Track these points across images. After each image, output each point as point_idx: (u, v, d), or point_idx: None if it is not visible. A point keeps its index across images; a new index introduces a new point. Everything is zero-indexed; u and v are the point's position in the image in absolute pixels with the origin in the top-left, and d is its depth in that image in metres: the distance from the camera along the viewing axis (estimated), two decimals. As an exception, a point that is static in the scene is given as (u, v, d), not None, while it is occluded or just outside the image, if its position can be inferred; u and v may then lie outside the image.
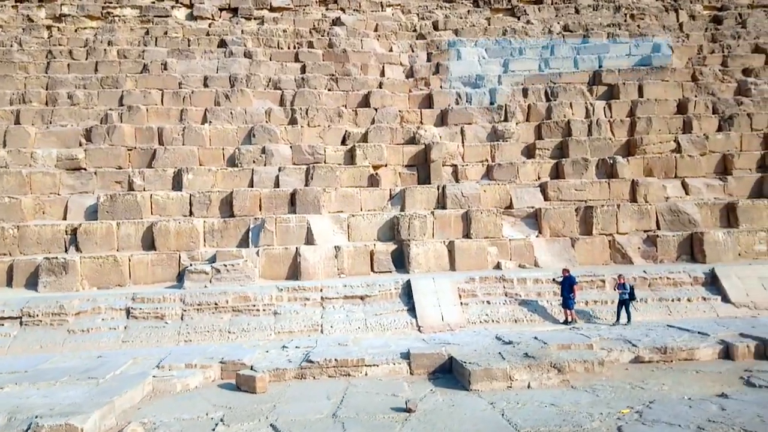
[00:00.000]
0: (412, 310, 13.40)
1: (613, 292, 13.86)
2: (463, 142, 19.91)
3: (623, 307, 12.92)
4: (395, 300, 13.73)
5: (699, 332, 11.41)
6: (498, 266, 15.89)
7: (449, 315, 13.17)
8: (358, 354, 10.45)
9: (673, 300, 13.88)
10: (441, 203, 17.55)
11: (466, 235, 16.59)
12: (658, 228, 17.11)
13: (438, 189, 17.76)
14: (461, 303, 13.57)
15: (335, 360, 10.00)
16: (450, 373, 9.92)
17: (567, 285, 13.06)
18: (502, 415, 7.78)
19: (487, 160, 19.35)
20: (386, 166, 18.97)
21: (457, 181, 18.68)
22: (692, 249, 16.37)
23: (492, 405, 8.17)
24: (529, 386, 9.09)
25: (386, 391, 8.98)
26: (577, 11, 24.89)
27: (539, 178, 18.72)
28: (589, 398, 8.42)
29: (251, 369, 9.98)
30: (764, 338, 10.46)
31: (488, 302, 13.71)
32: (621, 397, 8.42)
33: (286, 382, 9.79)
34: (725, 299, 13.90)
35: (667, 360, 10.43)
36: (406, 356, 10.32)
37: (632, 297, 12.85)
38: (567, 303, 13.12)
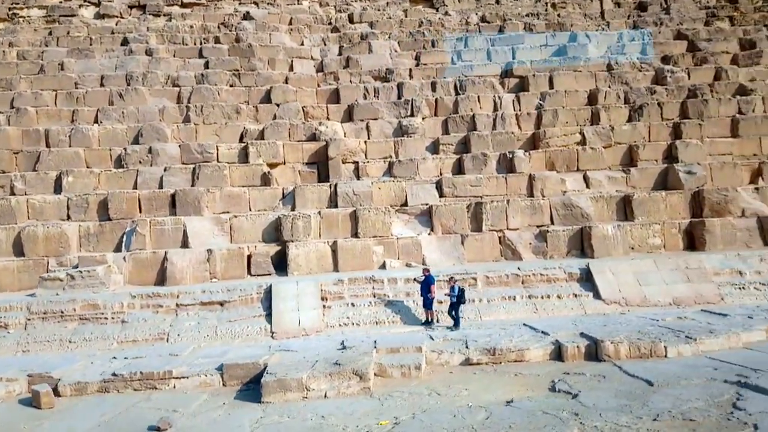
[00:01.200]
0: (269, 316, 13.02)
1: (484, 290, 13.55)
2: (368, 138, 19.56)
3: (454, 310, 12.46)
4: (255, 305, 13.35)
5: (543, 332, 11.08)
6: (383, 266, 15.58)
7: (307, 319, 12.80)
8: (181, 365, 10.09)
9: (542, 297, 13.55)
10: (333, 202, 17.17)
11: (355, 234, 16.23)
12: (552, 223, 16.79)
13: (330, 187, 17.37)
14: (324, 306, 13.21)
15: (140, 373, 9.64)
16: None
17: (425, 285, 12.69)
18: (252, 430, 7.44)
19: (390, 157, 18.98)
20: (284, 164, 18.59)
21: (358, 178, 18.32)
22: (582, 244, 16.06)
23: (261, 419, 7.81)
24: (325, 396, 8.74)
25: (172, 406, 8.60)
26: (497, 2, 24.50)
27: (441, 174, 18.33)
28: (371, 407, 8.08)
29: (58, 382, 9.61)
30: (596, 338, 10.13)
31: (353, 304, 13.36)
32: (405, 405, 8.08)
33: (87, 396, 9.42)
34: (597, 296, 13.58)
35: (496, 362, 10.11)
36: (221, 367, 9.95)
37: (461, 301, 12.39)
38: (426, 303, 12.75)
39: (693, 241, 16.30)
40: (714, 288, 13.64)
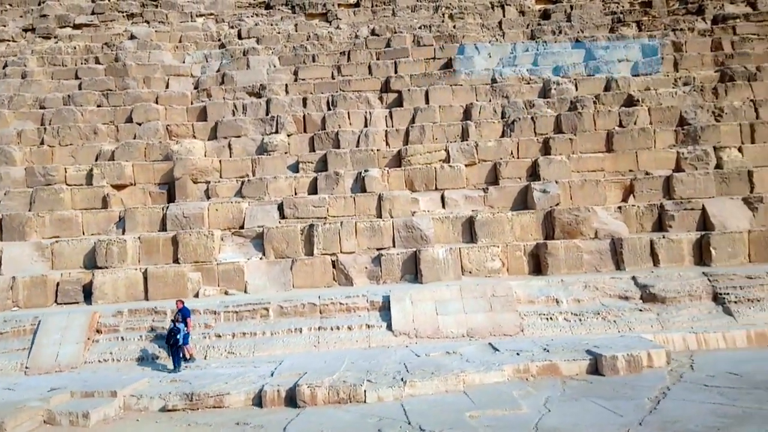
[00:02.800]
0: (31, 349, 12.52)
1: (275, 321, 12.81)
2: (230, 156, 19.06)
3: (177, 350, 11.62)
4: (27, 337, 12.92)
5: (301, 371, 10.21)
6: (197, 294, 14.96)
7: (65, 354, 12.29)
8: None
9: (332, 329, 12.74)
10: (164, 225, 16.66)
11: (176, 260, 15.67)
12: (394, 246, 15.94)
13: (163, 210, 16.87)
14: (90, 340, 12.63)
15: None
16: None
17: (181, 319, 11.96)
18: None
19: (247, 176, 18.42)
20: (134, 185, 18.25)
21: (208, 198, 17.82)
22: (416, 268, 15.16)
23: None
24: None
25: None
26: (394, 14, 23.84)
27: (295, 194, 17.69)
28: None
29: None
30: (297, 382, 9.30)
31: (123, 338, 12.75)
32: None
33: None
34: (389, 327, 12.68)
35: (194, 407, 9.44)
36: None
37: (177, 340, 11.52)
38: (174, 341, 11.85)
39: (539, 264, 15.25)
40: (516, 318, 12.62)
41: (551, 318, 12.64)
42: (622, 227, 15.78)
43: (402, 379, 9.25)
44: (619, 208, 16.21)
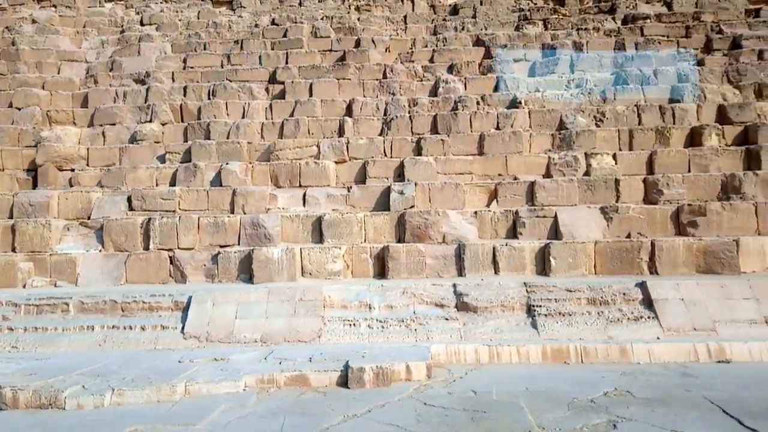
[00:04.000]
0: None
1: (75, 317, 12.44)
2: (104, 144, 18.74)
3: None
4: None
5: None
6: (25, 285, 14.67)
7: None
8: None
9: (125, 328, 12.34)
10: (11, 214, 16.35)
11: (14, 249, 15.37)
12: (239, 243, 15.52)
13: (13, 197, 16.57)
14: None
15: None
16: None
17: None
18: None
19: (114, 164, 18.07)
20: (2, 170, 17.97)
21: (71, 186, 17.52)
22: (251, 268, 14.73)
23: None
24: None
25: None
26: (300, 4, 23.36)
27: (156, 185, 17.35)
28: None
29: None
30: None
31: None
32: None
33: None
34: (183, 329, 12.27)
35: None
36: None
37: None
38: None
39: (384, 268, 14.78)
40: (317, 324, 12.17)
41: (354, 324, 12.17)
42: (472, 233, 15.25)
43: (111, 387, 8.84)
44: (476, 213, 15.67)
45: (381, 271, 14.84)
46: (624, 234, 14.83)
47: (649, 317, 11.92)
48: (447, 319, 12.22)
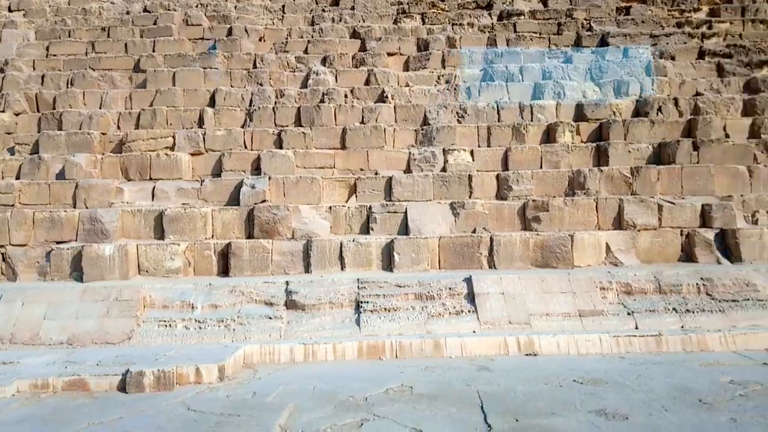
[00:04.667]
0: None
1: None
2: (-53, 135, 17.57)
3: None
4: None
5: None
6: None
7: None
8: None
9: None
10: None
11: None
12: (77, 239, 14.81)
13: None
14: None
15: None
16: None
17: None
18: None
19: (-44, 157, 16.98)
20: None
21: None
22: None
23: None
24: None
25: None
26: (181, -8, 22.57)
27: (2, 178, 16.38)
28: None
29: None
30: None
31: None
32: None
33: None
34: (-20, 331, 11.59)
35: None
36: None
37: None
38: None
39: (228, 265, 14.40)
40: (129, 325, 11.74)
41: (170, 325, 11.79)
42: (324, 228, 15.08)
43: None
44: (330, 208, 15.49)
45: (225, 269, 14.48)
46: (470, 229, 14.97)
47: (469, 311, 12.05)
48: (271, 318, 12.00)
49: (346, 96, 18.25)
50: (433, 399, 8.38)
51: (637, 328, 11.68)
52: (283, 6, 21.99)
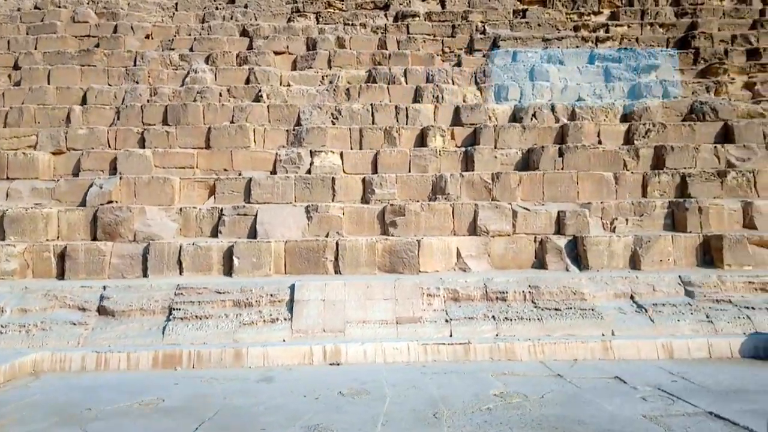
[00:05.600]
0: None
1: None
2: None
3: None
4: None
5: None
6: None
7: None
8: None
9: None
10: None
11: None
12: None
13: None
14: None
15: None
16: None
17: None
18: None
19: None
20: None
21: None
22: None
23: None
24: None
25: None
26: (72, -15, 22.10)
27: None
28: None
29: None
30: None
31: None
32: None
33: None
34: None
35: None
36: None
37: None
38: None
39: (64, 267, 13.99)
40: (-76, 329, 11.25)
41: (-25, 329, 11.37)
42: (169, 231, 14.71)
43: None
44: (180, 210, 15.13)
45: (62, 271, 14.07)
46: (324, 233, 14.67)
47: (285, 319, 11.73)
48: (75, 324, 11.60)
49: (221, 95, 17.92)
50: (171, 412, 8.05)
51: (451, 335, 11.42)
52: (176, 3, 21.63)
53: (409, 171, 16.14)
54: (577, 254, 14.20)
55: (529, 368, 10.26)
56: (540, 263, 14.33)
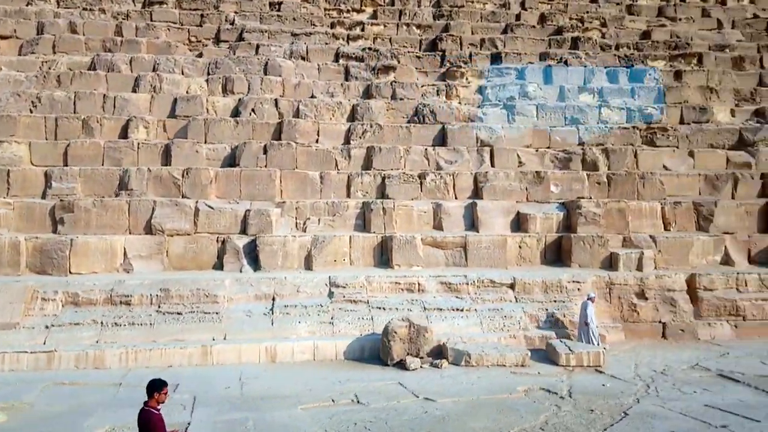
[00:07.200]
0: None
1: None
2: None
3: None
4: None
5: None
6: None
7: None
8: None
9: None
10: None
11: None
12: None
13: None
14: None
15: None
16: None
17: None
18: None
19: None
20: None
21: None
22: None
23: None
24: None
25: None
26: None
27: None
28: None
29: None
30: None
31: None
32: None
33: None
34: None
35: None
36: None
37: None
38: None
39: None
40: None
41: None
42: None
43: None
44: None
45: None
46: (-24, 231, 13.44)
47: None
48: None
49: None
50: None
51: (45, 343, 10.58)
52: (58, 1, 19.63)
53: (103, 164, 15.17)
54: (256, 254, 13.78)
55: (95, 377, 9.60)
56: (221, 264, 13.81)
